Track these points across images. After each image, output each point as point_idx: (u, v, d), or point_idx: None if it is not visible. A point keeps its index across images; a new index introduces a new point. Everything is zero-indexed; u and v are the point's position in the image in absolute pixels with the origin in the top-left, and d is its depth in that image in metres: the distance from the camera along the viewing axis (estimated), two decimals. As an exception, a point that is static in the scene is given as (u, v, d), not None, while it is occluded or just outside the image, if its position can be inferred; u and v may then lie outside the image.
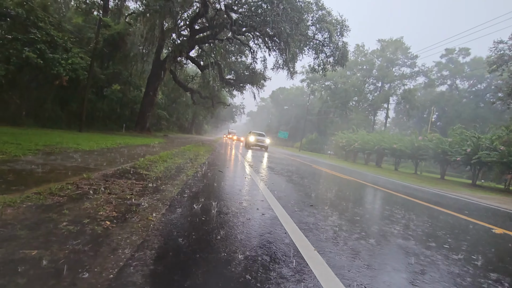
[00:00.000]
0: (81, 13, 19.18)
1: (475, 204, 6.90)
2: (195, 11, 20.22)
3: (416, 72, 46.46)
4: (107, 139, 9.71)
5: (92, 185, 3.18)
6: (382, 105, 45.94)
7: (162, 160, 6.22)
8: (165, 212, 2.66)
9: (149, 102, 19.67)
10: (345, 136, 31.27)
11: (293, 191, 4.96)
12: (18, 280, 1.31)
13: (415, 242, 2.81)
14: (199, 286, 1.52)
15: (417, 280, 1.94)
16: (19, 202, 2.29)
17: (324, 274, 1.81)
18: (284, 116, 73.45)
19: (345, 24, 19.54)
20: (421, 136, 21.43)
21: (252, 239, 2.30)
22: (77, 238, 1.82)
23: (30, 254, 1.55)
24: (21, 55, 10.11)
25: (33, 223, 1.96)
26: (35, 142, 5.88)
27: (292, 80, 33.46)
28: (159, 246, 1.91)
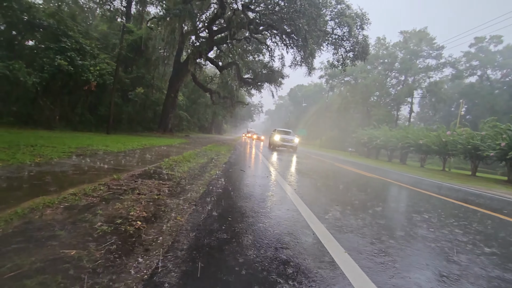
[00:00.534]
0: (106, 21, 20.03)
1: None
2: (213, 12, 20.45)
3: (442, 64, 43.88)
4: (133, 141, 10.08)
5: (122, 185, 3.30)
6: (406, 100, 43.90)
7: (186, 160, 6.34)
8: (192, 212, 2.69)
9: (171, 104, 20.19)
10: (367, 132, 30.29)
11: (318, 191, 4.86)
12: (60, 280, 1.37)
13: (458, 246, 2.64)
14: (232, 286, 1.52)
15: None
16: (57, 202, 2.41)
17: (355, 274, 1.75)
18: (303, 114, 72.54)
19: (365, 17, 18.88)
20: (449, 131, 20.24)
21: (279, 239, 2.26)
22: (112, 238, 1.88)
23: (69, 253, 1.61)
24: (54, 63, 10.74)
25: (70, 223, 2.05)
26: (68, 145, 6.22)
27: (310, 76, 32.89)
28: (189, 246, 1.93)
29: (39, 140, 6.55)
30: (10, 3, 10.07)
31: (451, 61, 44.47)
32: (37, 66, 10.85)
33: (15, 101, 11.05)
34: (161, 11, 17.89)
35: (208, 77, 32.17)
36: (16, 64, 9.80)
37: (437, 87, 39.52)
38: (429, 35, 43.37)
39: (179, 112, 26.61)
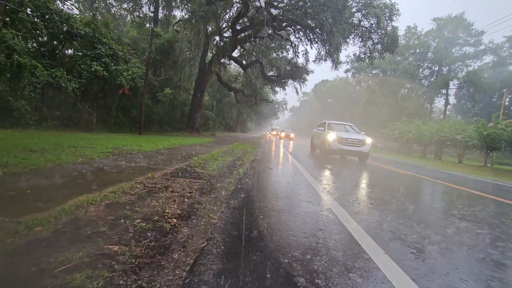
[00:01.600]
0: (135, 26, 21.06)
1: None
2: (236, 11, 20.60)
3: (481, 51, 40.24)
4: (163, 140, 10.49)
5: (156, 184, 3.42)
6: (440, 91, 41.00)
7: (214, 158, 6.45)
8: (224, 210, 2.72)
9: (197, 104, 20.71)
10: (398, 127, 28.79)
11: (350, 187, 4.70)
12: (106, 274, 1.44)
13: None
14: (268, 285, 1.49)
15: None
16: (99, 200, 2.55)
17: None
18: (328, 110, 70.61)
19: (394, 7, 17.90)
20: (491, 123, 18.55)
21: (312, 237, 2.20)
22: (150, 235, 1.95)
23: (113, 249, 1.69)
24: (91, 69, 11.51)
25: (112, 219, 2.16)
26: (105, 146, 6.61)
27: (336, 71, 31.92)
28: (224, 244, 1.94)
29: (80, 141, 7.04)
30: (52, 15, 10.91)
31: (492, 47, 40.68)
32: (76, 73, 11.67)
33: (57, 105, 11.99)
34: (187, 14, 18.40)
35: (233, 76, 32.55)
36: (58, 72, 10.61)
37: (476, 76, 36.35)
38: (466, 21, 40.07)
39: (205, 111, 27.25)
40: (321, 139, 10.52)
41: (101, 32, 12.54)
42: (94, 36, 12.08)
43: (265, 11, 17.91)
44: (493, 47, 41.02)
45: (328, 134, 9.87)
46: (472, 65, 39.99)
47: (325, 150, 10.11)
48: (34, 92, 10.24)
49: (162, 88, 19.44)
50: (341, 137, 9.60)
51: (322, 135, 10.64)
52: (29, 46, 11.47)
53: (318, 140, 11.14)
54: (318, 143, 11.27)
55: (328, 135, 9.77)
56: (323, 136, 10.28)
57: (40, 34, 11.55)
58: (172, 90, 20.59)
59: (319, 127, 11.93)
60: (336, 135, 9.67)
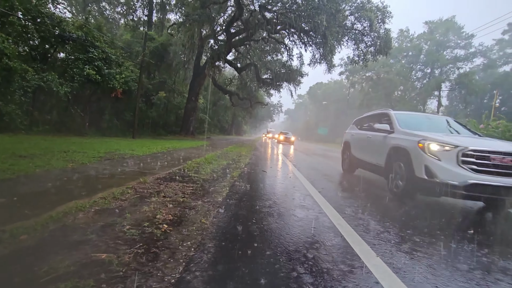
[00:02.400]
0: (129, 30, 20.96)
1: None
2: (230, 15, 20.66)
3: (472, 53, 41.10)
4: (157, 144, 10.40)
5: (148, 188, 3.38)
6: (433, 93, 41.62)
7: (208, 162, 6.41)
8: (216, 214, 2.69)
9: (192, 107, 20.64)
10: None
11: (344, 191, 4.70)
12: (92, 284, 1.40)
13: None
14: (254, 282, 1.46)
15: None
16: (88, 206, 2.50)
17: None
18: (323, 112, 71.17)
19: (387, 10, 18.14)
20: (482, 124, 18.84)
21: (306, 242, 2.19)
22: (140, 242, 1.91)
23: (100, 257, 1.65)
24: (83, 73, 11.39)
25: (101, 226, 2.11)
26: (97, 150, 6.53)
27: (330, 74, 32.02)
28: (215, 250, 1.91)
29: (71, 146, 6.94)
30: (43, 19, 10.79)
31: (482, 50, 41.57)
32: (68, 77, 11.54)
33: (49, 110, 11.83)
34: (181, 18, 18.38)
35: (227, 79, 32.57)
36: (50, 76, 10.48)
37: (468, 78, 37.04)
38: (456, 24, 40.90)
39: (200, 114, 27.16)
40: (392, 154, 4.61)
41: (93, 36, 12.44)
42: (86, 40, 11.98)
43: (259, 15, 17.99)
44: (483, 50, 41.90)
45: (424, 142, 3.88)
46: (463, 67, 40.76)
47: (413, 184, 3.92)
48: (25, 96, 10.10)
49: (156, 91, 19.34)
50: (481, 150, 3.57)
51: (389, 143, 4.75)
52: (20, 50, 11.29)
53: (369, 152, 5.71)
54: (367, 158, 5.79)
55: (429, 145, 3.81)
56: (402, 146, 4.34)
57: (31, 37, 11.41)
58: (166, 94, 20.49)
59: (370, 123, 6.23)
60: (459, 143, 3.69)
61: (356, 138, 6.66)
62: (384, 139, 5.03)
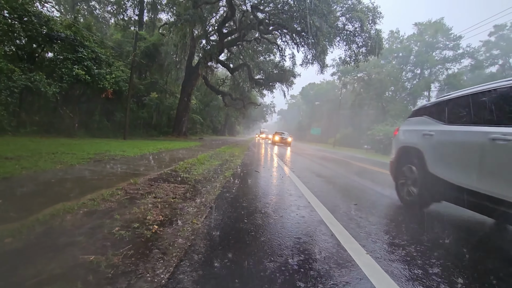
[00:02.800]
0: (119, 29, 20.67)
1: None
2: (222, 15, 20.61)
3: (460, 55, 42.11)
4: (148, 145, 10.28)
5: (138, 190, 3.33)
6: (423, 93, 42.44)
7: (200, 162, 6.37)
8: (208, 215, 2.67)
9: (184, 108, 20.48)
10: (383, 129, 29.53)
11: (333, 190, 4.74)
12: (79, 286, 1.37)
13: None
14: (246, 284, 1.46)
15: None
16: (77, 208, 2.45)
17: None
18: (316, 112, 71.69)
19: (377, 11, 18.41)
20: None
21: (297, 241, 2.20)
22: (129, 243, 1.88)
23: (88, 259, 1.62)
24: (72, 73, 11.14)
25: (89, 228, 2.08)
26: (87, 151, 6.40)
27: (323, 74, 32.04)
28: (206, 250, 1.90)
29: (60, 147, 6.79)
30: (30, 18, 10.54)
31: (469, 51, 42.61)
32: (56, 77, 11.29)
33: (37, 111, 11.54)
34: (172, 17, 18.23)
35: (220, 80, 32.47)
36: (37, 76, 10.22)
37: (456, 79, 37.95)
38: (445, 25, 41.83)
39: (193, 115, 26.98)
40: None
41: (83, 35, 12.20)
42: (75, 39, 11.74)
43: (251, 15, 18.01)
44: (470, 51, 42.93)
45: None
46: (451, 68, 41.71)
47: None
48: (11, 97, 9.82)
49: (148, 92, 19.12)
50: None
51: None
52: (6, 49, 10.99)
53: (493, 171, 2.61)
54: (479, 184, 2.66)
55: None
56: None
57: (18, 36, 11.11)
58: (158, 94, 20.28)
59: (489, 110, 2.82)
60: None
61: (441, 142, 3.40)
62: None
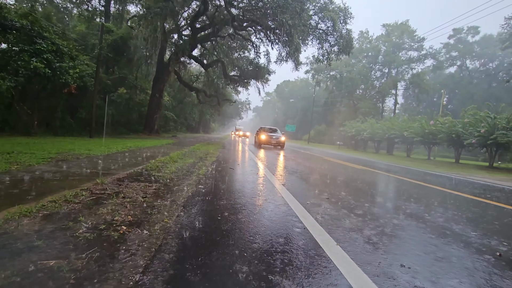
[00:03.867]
0: (83, 21, 19.36)
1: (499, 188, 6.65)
2: (195, 9, 20.12)
3: (423, 55, 45.11)
4: (117, 143, 9.80)
5: (105, 190, 3.17)
6: (390, 92, 44.86)
7: (173, 160, 6.21)
8: (180, 213, 2.61)
9: (156, 104, 19.78)
10: (354, 125, 30.83)
11: (307, 186, 4.87)
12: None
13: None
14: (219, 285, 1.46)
15: None
16: (35, 211, 2.28)
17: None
18: (290, 109, 72.93)
19: (348, 11, 19.08)
20: (432, 120, 20.82)
21: (268, 234, 2.23)
22: (95, 246, 1.78)
23: (48, 264, 1.51)
24: (29, 66, 10.22)
25: (50, 232, 1.94)
26: (48, 151, 5.96)
27: (297, 71, 32.44)
28: (178, 249, 1.86)
29: (17, 146, 6.25)
30: (-22, 4, 9.52)
31: (431, 52, 45.75)
32: (11, 70, 10.33)
33: (-11, 107, 10.51)
34: (142, 10, 17.43)
35: (194, 76, 31.77)
36: (-12, 69, 9.29)
37: (420, 78, 40.61)
38: (410, 27, 44.39)
39: (165, 112, 26.15)
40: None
41: (41, 25, 11.25)
42: (33, 30, 10.79)
43: (225, 10, 17.78)
44: (432, 52, 46.10)
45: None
46: (416, 68, 44.45)
47: None
48: (-42, 91, 8.84)
49: (116, 87, 18.16)
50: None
51: None
52: (-50, 39, 9.86)
53: None
54: None
55: None
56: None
57: (-36, 24, 9.99)
58: (128, 90, 19.36)
59: None
60: None
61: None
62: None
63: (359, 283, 1.58)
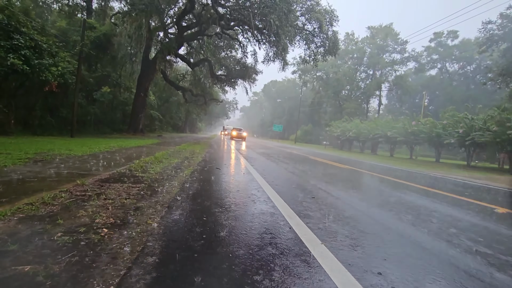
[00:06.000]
0: (64, 16, 18.64)
1: (477, 186, 6.96)
2: (181, 7, 19.83)
3: (406, 58, 46.59)
4: (100, 143, 9.52)
5: (86, 191, 3.07)
6: (375, 93, 46.02)
7: (158, 160, 6.10)
8: (165, 214, 2.57)
9: (141, 103, 19.36)
10: (340, 125, 31.38)
11: (292, 184, 4.91)
12: (11, 300, 1.22)
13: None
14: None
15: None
16: (10, 214, 2.18)
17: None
18: (278, 109, 73.35)
19: (334, 14, 19.39)
20: (414, 121, 21.53)
21: (255, 235, 2.23)
22: (73, 249, 1.73)
23: (23, 270, 1.45)
24: (6, 62, 9.74)
25: (25, 236, 1.86)
26: (25, 151, 5.71)
27: (284, 72, 32.48)
28: (161, 251, 1.82)
29: (-9, 147, 5.95)
30: (-52, -4, 8.97)
31: (414, 55, 47.30)
32: (-15, 66, 9.81)
33: (-39, 105, 9.95)
34: (126, 6, 17.01)
35: (180, 75, 31.30)
36: (-40, 64, 8.78)
37: (402, 80, 41.90)
38: (394, 30, 45.66)
39: (150, 111, 25.63)
40: None
41: (18, 20, 10.74)
42: (9, 24, 10.29)
43: (212, 9, 17.63)
44: (415, 55, 47.66)
45: None
46: (399, 70, 45.81)
47: None
48: None
49: (99, 85, 17.62)
50: None
51: None
52: None
53: None
54: None
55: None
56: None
57: None
58: (111, 89, 18.82)
59: None
60: None
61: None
62: None
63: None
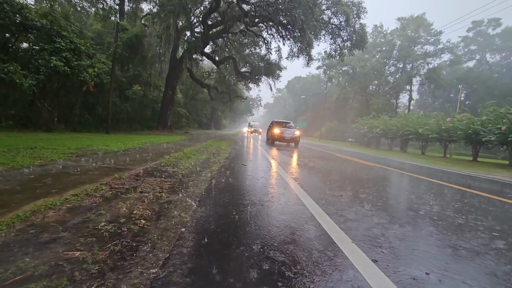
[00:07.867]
0: (99, 19, 19.79)
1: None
2: (207, 6, 20.17)
3: (440, 49, 43.46)
4: (133, 139, 10.04)
5: (124, 184, 3.27)
6: (405, 87, 43.61)
7: (187, 156, 6.31)
8: (196, 208, 2.67)
9: (169, 101, 20.08)
10: (366, 122, 30.25)
11: (322, 184, 4.84)
12: (65, 283, 1.34)
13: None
14: (237, 281, 1.49)
15: None
16: (59, 204, 2.38)
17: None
18: (301, 106, 72.33)
19: (361, 6, 18.65)
20: (449, 117, 20.13)
21: (283, 233, 2.24)
22: (116, 238, 1.85)
23: (73, 255, 1.59)
24: (49, 64, 10.60)
25: (73, 224, 2.03)
26: (68, 146, 6.18)
27: (308, 67, 31.83)
28: (195, 243, 1.90)
29: (39, 142, 6.52)
30: (2, 5, 9.90)
31: (449, 46, 44.04)
32: (32, 68, 10.72)
33: (12, 104, 10.97)
34: (155, 8, 17.66)
35: (205, 73, 31.96)
36: (11, 67, 9.68)
37: (436, 73, 39.22)
38: (426, 21, 42.88)
39: (178, 109, 26.49)
40: None
41: (60, 25, 11.61)
42: (52, 29, 11.16)
43: (236, 7, 17.74)
44: (450, 46, 44.38)
45: None
46: (432, 62, 42.92)
47: None
48: (-17, 89, 9.28)
49: (131, 84, 18.55)
50: None
51: None
52: (-25, 39, 10.33)
53: None
54: None
55: None
56: None
57: (-12, 25, 10.43)
58: (141, 87, 19.73)
59: None
60: None
61: None
62: None
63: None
